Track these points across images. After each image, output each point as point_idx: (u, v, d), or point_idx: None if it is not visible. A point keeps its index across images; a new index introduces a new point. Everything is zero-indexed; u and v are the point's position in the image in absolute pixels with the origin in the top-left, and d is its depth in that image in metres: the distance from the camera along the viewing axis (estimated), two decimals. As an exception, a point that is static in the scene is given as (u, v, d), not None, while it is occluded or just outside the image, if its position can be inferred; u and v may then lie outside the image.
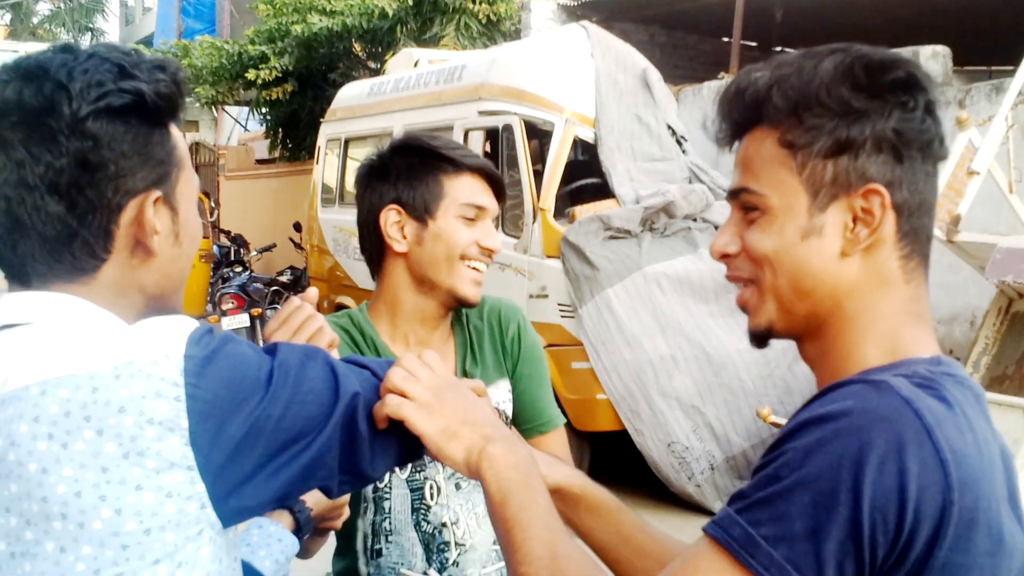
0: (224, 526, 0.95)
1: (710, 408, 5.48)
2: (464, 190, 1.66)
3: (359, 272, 8.42)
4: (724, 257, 1.05)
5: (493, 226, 1.71)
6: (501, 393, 1.74)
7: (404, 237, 1.65)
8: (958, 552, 0.85)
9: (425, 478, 1.64)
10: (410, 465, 1.61)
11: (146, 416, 0.88)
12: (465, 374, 1.70)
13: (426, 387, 1.07)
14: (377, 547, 1.65)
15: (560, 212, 6.29)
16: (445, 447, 1.05)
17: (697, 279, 5.68)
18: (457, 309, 1.75)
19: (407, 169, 1.66)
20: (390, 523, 1.65)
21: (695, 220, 6.14)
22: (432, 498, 1.65)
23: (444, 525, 1.65)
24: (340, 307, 8.72)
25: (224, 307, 9.46)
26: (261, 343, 1.17)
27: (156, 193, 1.02)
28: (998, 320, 5.00)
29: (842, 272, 0.97)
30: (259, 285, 10.50)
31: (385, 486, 1.64)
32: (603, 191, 6.36)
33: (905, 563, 0.85)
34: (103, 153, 0.98)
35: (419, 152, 1.68)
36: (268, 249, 11.81)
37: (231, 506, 0.94)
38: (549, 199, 6.19)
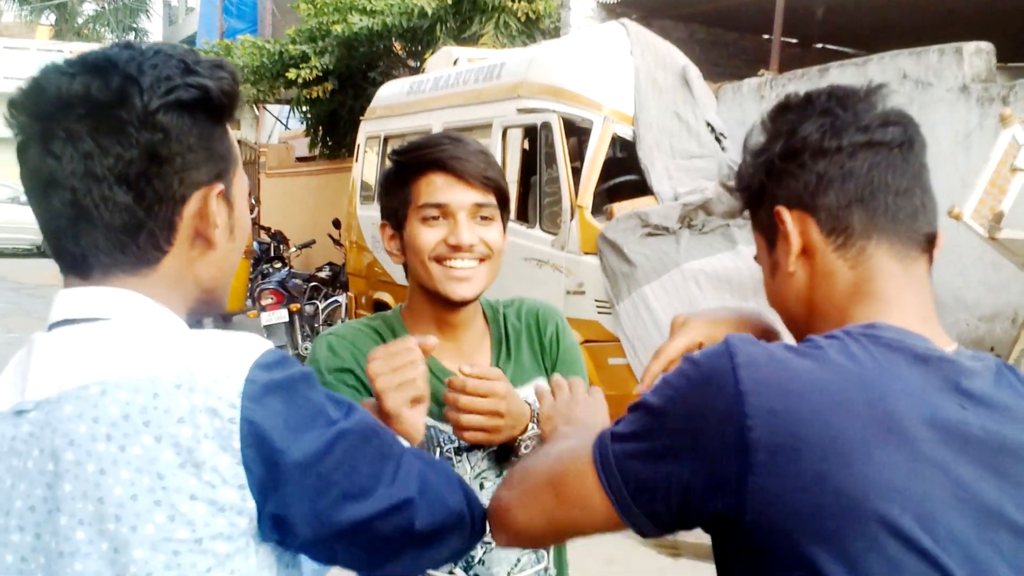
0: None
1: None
2: (423, 191, 1.62)
3: (397, 269, 8.40)
4: None
5: (466, 219, 1.61)
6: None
7: (398, 249, 1.68)
8: (774, 477, 0.93)
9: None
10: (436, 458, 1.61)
11: (203, 430, 0.90)
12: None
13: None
14: None
15: (598, 209, 6.31)
16: None
17: (736, 276, 5.67)
18: (490, 310, 1.76)
19: (385, 181, 1.69)
20: None
21: (733, 217, 6.12)
22: None
23: None
24: (378, 303, 8.80)
25: (263, 303, 9.58)
26: (299, 336, 1.22)
27: (220, 186, 1.05)
28: (1041, 319, 4.94)
29: (798, 284, 1.12)
30: (298, 281, 10.61)
31: None
32: (641, 188, 6.36)
33: (719, 485, 0.96)
34: (172, 145, 1.00)
35: (393, 160, 1.68)
36: (307, 245, 11.93)
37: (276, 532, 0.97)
38: (587, 196, 6.21)
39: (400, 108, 8.71)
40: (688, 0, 10.94)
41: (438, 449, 1.60)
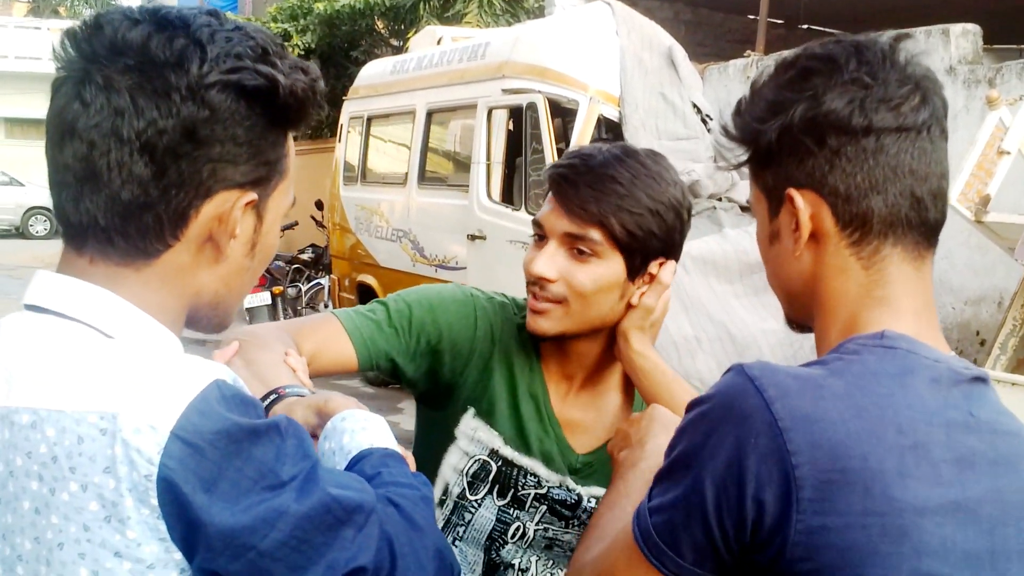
0: None
1: (732, 389, 5.45)
2: (543, 206, 1.48)
3: (381, 250, 8.44)
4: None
5: (554, 247, 1.43)
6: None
7: None
8: (822, 514, 0.87)
9: (516, 517, 1.53)
10: (509, 497, 1.52)
11: (124, 484, 0.81)
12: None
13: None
14: (444, 534, 1.55)
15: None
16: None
17: (722, 259, 5.65)
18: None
19: None
20: (464, 531, 1.56)
21: (720, 200, 6.09)
22: (513, 537, 1.54)
23: (511, 566, 1.54)
24: (362, 285, 8.75)
25: (246, 285, 9.51)
26: (282, 319, 1.10)
27: (252, 195, 0.94)
28: (1026, 302, 4.94)
29: (802, 268, 1.03)
30: (280, 263, 10.54)
31: (476, 500, 1.53)
32: (627, 170, 6.32)
33: (762, 531, 0.88)
34: (215, 129, 0.89)
35: None
36: (290, 227, 11.80)
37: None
38: (572, 178, 6.16)
39: (383, 88, 8.64)
40: (674, -20, 10.87)
41: (515, 488, 1.52)
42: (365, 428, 1.08)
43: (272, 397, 1.17)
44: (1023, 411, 0.99)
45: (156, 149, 0.88)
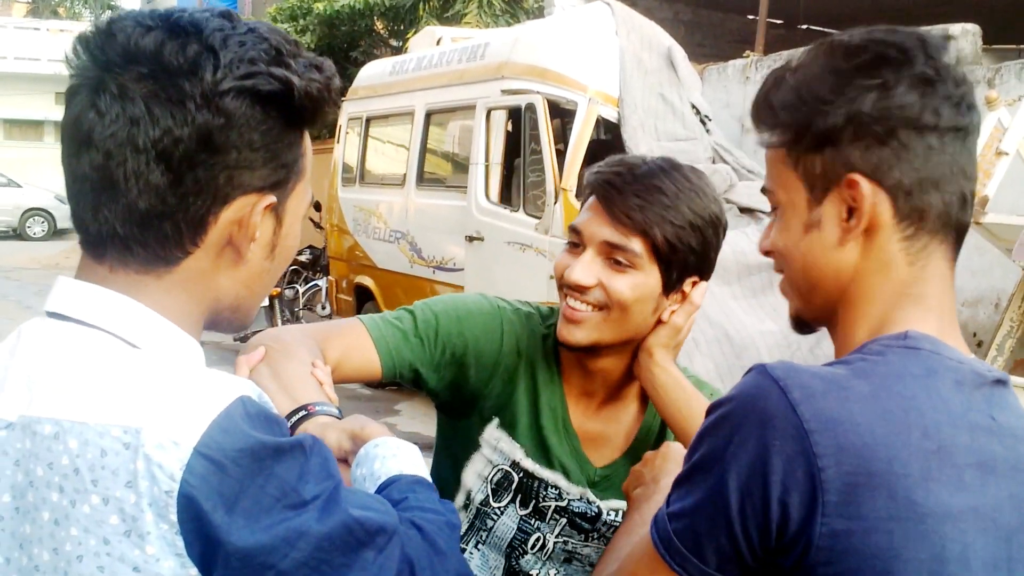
0: None
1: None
2: (581, 211, 1.47)
3: (379, 252, 8.43)
4: (766, 253, 1.09)
5: (592, 255, 1.42)
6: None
7: None
8: (848, 518, 0.86)
9: (537, 528, 1.52)
10: (531, 507, 1.51)
11: (145, 499, 0.81)
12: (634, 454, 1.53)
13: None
14: (467, 539, 1.56)
15: (582, 192, 6.25)
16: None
17: (719, 261, 5.63)
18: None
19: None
20: (487, 536, 1.55)
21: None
22: (532, 548, 1.53)
23: None
24: (359, 287, 8.74)
25: (245, 286, 9.49)
26: (279, 321, 1.10)
27: (270, 198, 0.93)
28: (1023, 303, 4.94)
29: (842, 261, 0.99)
30: (279, 264, 10.51)
31: (499, 507, 1.52)
32: (625, 171, 6.32)
33: (787, 534, 0.87)
34: (231, 135, 0.88)
35: None
36: (289, 228, 11.84)
37: None
38: (571, 179, 6.16)
39: (382, 88, 8.63)
40: (673, -20, 10.87)
41: (536, 499, 1.51)
42: (396, 455, 1.10)
43: (301, 414, 1.16)
44: (1025, 412, 0.99)
45: (172, 158, 0.87)
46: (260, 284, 0.98)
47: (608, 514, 1.52)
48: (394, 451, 1.10)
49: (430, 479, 1.10)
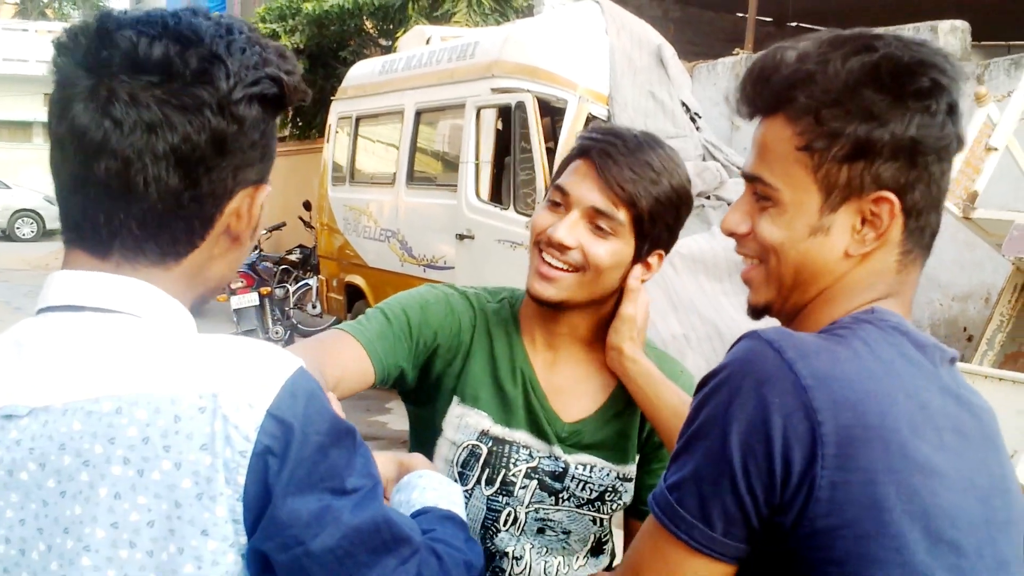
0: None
1: (722, 387, 5.45)
2: (564, 172, 1.50)
3: (369, 251, 8.42)
4: (733, 235, 1.10)
5: (577, 217, 1.45)
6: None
7: None
8: (846, 470, 0.88)
9: (507, 504, 1.53)
10: (497, 484, 1.52)
11: (220, 459, 0.85)
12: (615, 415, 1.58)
13: None
14: None
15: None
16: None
17: (711, 257, 5.65)
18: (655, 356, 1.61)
19: (564, 160, 1.61)
20: None
21: (708, 198, 6.09)
22: (504, 525, 1.54)
23: (506, 555, 1.54)
24: (350, 286, 8.72)
25: (233, 286, 9.47)
26: (269, 320, 1.14)
27: (266, 188, 1.00)
28: (1013, 297, 4.96)
29: (842, 268, 1.01)
30: (268, 264, 10.51)
31: (465, 491, 1.52)
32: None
33: (788, 488, 0.89)
34: (240, 139, 0.94)
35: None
36: (278, 228, 11.80)
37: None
38: (561, 177, 6.15)
39: (372, 88, 8.61)
40: (662, -22, 10.88)
41: (505, 469, 1.53)
42: (436, 489, 1.18)
43: None
44: (1009, 405, 1.03)
45: (189, 162, 0.91)
46: (239, 263, 1.05)
47: (576, 468, 1.54)
48: (435, 485, 1.18)
49: (465, 517, 1.16)
